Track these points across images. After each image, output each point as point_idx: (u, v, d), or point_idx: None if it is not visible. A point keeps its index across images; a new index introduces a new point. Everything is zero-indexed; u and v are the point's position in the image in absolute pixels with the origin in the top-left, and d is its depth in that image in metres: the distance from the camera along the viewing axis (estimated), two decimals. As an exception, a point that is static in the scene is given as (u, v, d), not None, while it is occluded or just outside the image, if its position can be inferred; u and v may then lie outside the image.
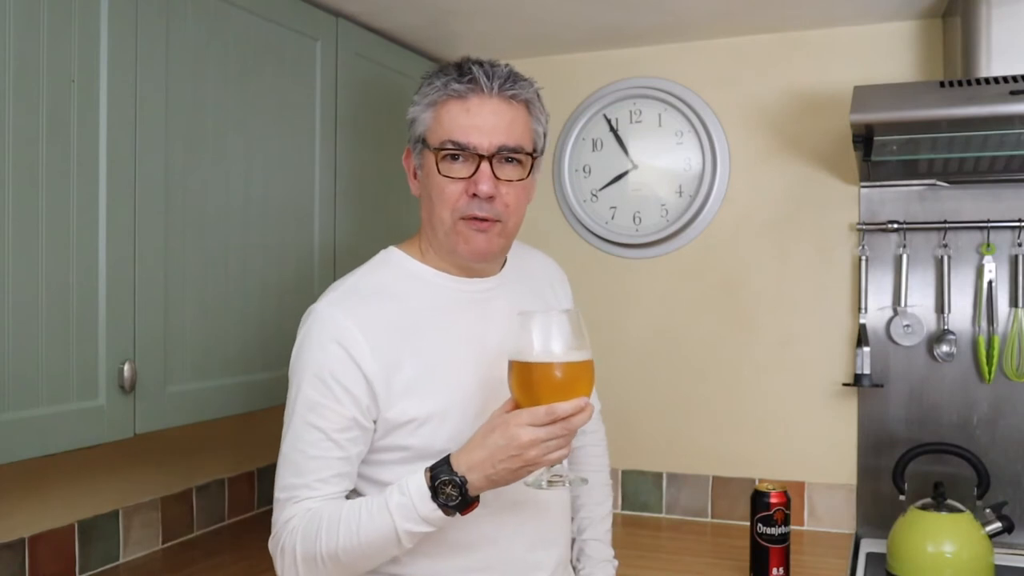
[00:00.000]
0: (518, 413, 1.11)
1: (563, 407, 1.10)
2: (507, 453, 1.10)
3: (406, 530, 1.14)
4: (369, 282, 1.28)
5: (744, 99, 2.25)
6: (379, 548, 1.16)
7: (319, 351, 1.20)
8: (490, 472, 1.11)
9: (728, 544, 2.06)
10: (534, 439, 1.09)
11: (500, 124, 1.23)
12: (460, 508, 1.13)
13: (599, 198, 2.37)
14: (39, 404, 1.27)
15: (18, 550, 1.65)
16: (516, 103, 1.25)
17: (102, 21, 1.35)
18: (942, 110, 1.66)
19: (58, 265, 1.29)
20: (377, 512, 1.15)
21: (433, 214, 1.26)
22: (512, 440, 1.10)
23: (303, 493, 1.20)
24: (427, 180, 1.26)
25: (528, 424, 1.10)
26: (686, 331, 2.31)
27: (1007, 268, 2.02)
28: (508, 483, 1.14)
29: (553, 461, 1.13)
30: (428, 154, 1.25)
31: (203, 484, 2.09)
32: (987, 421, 2.03)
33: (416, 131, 1.28)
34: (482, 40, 2.24)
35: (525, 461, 1.11)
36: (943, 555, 1.74)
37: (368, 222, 2.01)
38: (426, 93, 1.26)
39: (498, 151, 1.22)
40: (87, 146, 1.33)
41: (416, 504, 1.13)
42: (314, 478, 1.20)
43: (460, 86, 1.22)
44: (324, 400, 1.19)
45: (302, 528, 1.19)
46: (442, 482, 1.12)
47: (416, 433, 1.22)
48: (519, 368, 1.14)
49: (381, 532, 1.15)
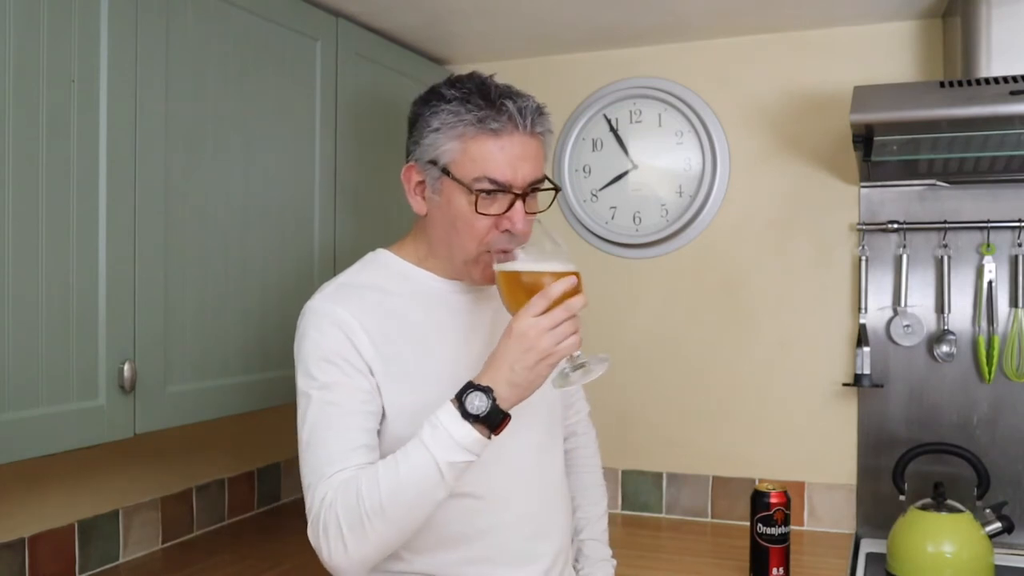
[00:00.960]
0: (517, 315, 1.14)
1: (555, 287, 1.12)
2: (520, 350, 1.11)
3: (447, 461, 1.11)
4: (360, 279, 1.31)
5: (744, 99, 2.25)
6: (424, 490, 1.12)
7: (321, 336, 1.22)
8: (510, 376, 1.12)
9: (728, 544, 2.06)
10: (540, 328, 1.11)
11: (529, 159, 1.23)
12: (492, 422, 1.12)
13: (599, 198, 2.37)
14: (39, 404, 1.27)
15: (18, 550, 1.65)
16: (540, 137, 1.26)
17: (102, 21, 1.35)
18: (942, 110, 1.66)
19: (58, 265, 1.29)
20: (414, 452, 1.13)
21: (454, 243, 1.26)
22: (522, 337, 1.11)
23: (333, 468, 1.18)
24: (449, 208, 1.25)
25: (529, 316, 1.12)
26: (686, 331, 2.31)
27: (1007, 268, 2.02)
28: (533, 385, 1.13)
29: (566, 349, 1.13)
30: (454, 185, 1.23)
31: (203, 484, 2.09)
32: (987, 421, 2.03)
33: (433, 155, 1.24)
34: (482, 40, 2.25)
35: (540, 353, 1.11)
36: (943, 555, 1.74)
37: (368, 222, 2.01)
38: (452, 123, 1.22)
39: (529, 186, 1.23)
40: (87, 146, 1.33)
41: (449, 429, 1.11)
42: (340, 451, 1.18)
43: (498, 124, 1.21)
44: (336, 378, 1.21)
45: (341, 496, 1.15)
46: (468, 395, 1.12)
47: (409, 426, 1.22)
48: (507, 277, 1.17)
49: (423, 471, 1.12)
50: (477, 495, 1.26)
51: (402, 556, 1.26)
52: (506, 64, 2.42)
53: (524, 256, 1.17)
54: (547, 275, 1.15)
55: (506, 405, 1.13)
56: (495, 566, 1.29)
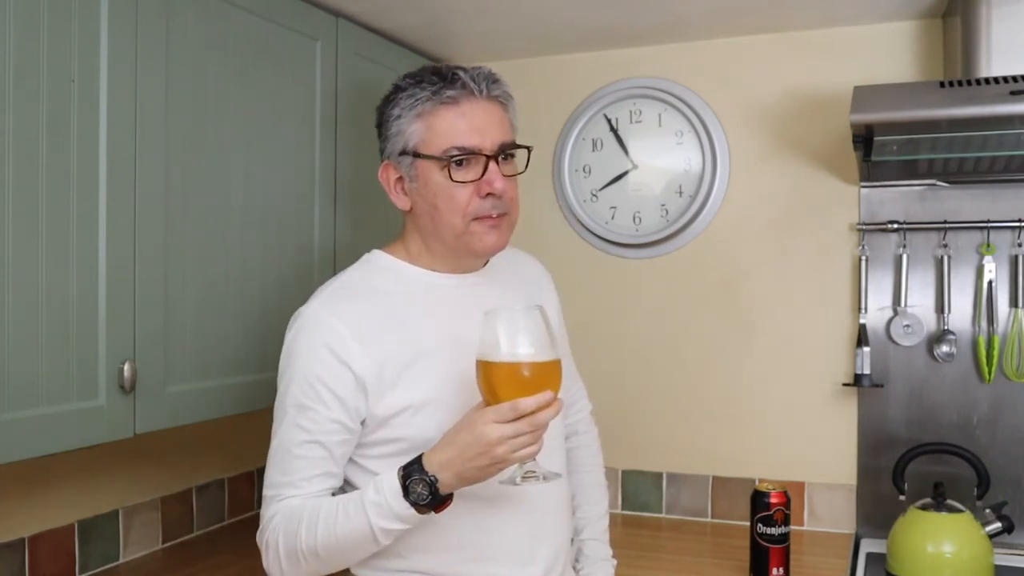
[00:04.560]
0: (484, 411, 1.12)
1: (527, 403, 1.10)
2: (475, 451, 1.11)
3: (381, 527, 1.16)
4: (355, 281, 1.32)
5: (744, 99, 2.25)
6: (356, 545, 1.19)
7: (307, 356, 1.23)
8: (460, 470, 1.13)
9: (728, 544, 2.06)
10: (501, 436, 1.10)
11: (494, 123, 1.26)
12: (432, 506, 1.15)
13: (599, 198, 2.37)
14: (39, 404, 1.27)
15: (18, 550, 1.65)
16: (500, 102, 1.28)
17: (102, 21, 1.35)
18: (942, 110, 1.66)
19: (58, 265, 1.29)
20: (354, 510, 1.17)
21: (441, 221, 1.27)
22: (480, 438, 1.10)
23: (288, 491, 1.24)
24: (427, 190, 1.27)
25: (494, 421, 1.10)
26: (686, 331, 2.31)
27: (1007, 268, 2.02)
28: (479, 480, 1.15)
29: (522, 458, 1.13)
30: (426, 164, 1.26)
31: (203, 484, 2.09)
32: (987, 421, 2.03)
33: (402, 144, 1.27)
34: (482, 40, 2.25)
35: (493, 459, 1.11)
36: (943, 555, 1.74)
37: (368, 222, 2.01)
38: (410, 105, 1.25)
39: (500, 149, 1.25)
40: (87, 146, 1.33)
41: (390, 502, 1.15)
42: (299, 477, 1.23)
43: (453, 92, 1.23)
44: (311, 403, 1.22)
45: (284, 525, 1.22)
46: (412, 480, 1.14)
47: (409, 424, 1.24)
48: (484, 368, 1.14)
49: (357, 529, 1.17)
50: (477, 495, 1.26)
51: (401, 554, 1.26)
52: (506, 64, 2.42)
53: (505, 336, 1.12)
54: (524, 365, 1.12)
55: (447, 491, 1.15)
56: (495, 566, 1.29)
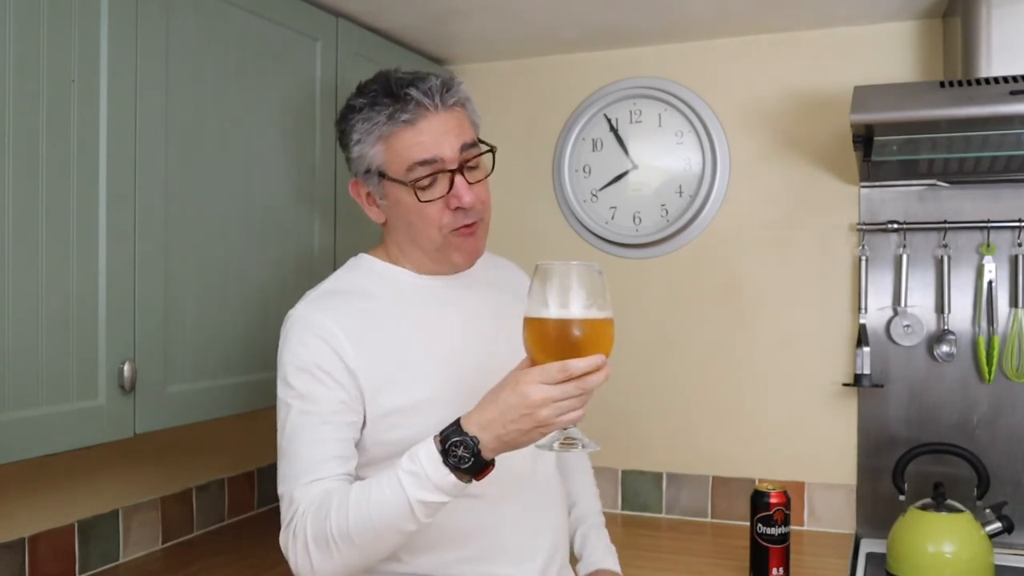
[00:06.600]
0: (530, 371, 1.06)
1: (577, 364, 1.04)
2: (518, 412, 1.05)
3: (419, 500, 1.08)
4: (342, 284, 1.34)
5: (744, 99, 2.25)
6: (392, 524, 1.11)
7: (300, 347, 1.24)
8: (501, 432, 1.06)
9: (728, 544, 2.06)
10: (546, 398, 1.04)
11: (451, 132, 1.26)
12: (473, 471, 1.08)
13: (599, 198, 2.37)
14: (39, 404, 1.27)
15: (18, 550, 1.65)
16: (457, 108, 1.28)
17: (102, 21, 1.35)
18: (942, 110, 1.66)
19: (58, 265, 1.29)
20: (388, 484, 1.10)
21: (418, 235, 1.30)
22: (524, 399, 1.04)
23: (307, 478, 1.19)
24: (398, 208, 1.30)
25: (540, 382, 1.04)
26: (686, 331, 2.31)
27: (1007, 268, 2.02)
28: (521, 445, 1.08)
29: (566, 423, 1.06)
30: (393, 185, 1.28)
31: (203, 484, 2.09)
32: (987, 421, 2.03)
33: (367, 165, 1.29)
34: (482, 40, 2.24)
35: (537, 422, 1.05)
36: (943, 555, 1.74)
37: (367, 223, 1.99)
38: (368, 130, 1.27)
39: (461, 156, 1.26)
40: (87, 146, 1.33)
41: (428, 470, 1.08)
42: (315, 460, 1.20)
43: (407, 115, 1.24)
44: (312, 387, 1.22)
45: (312, 510, 1.15)
46: (453, 443, 1.07)
47: (400, 425, 1.23)
48: (532, 325, 1.07)
49: (393, 505, 1.09)
50: (473, 494, 1.25)
51: (399, 557, 1.26)
52: (506, 64, 2.42)
53: (557, 292, 1.06)
54: (576, 323, 1.06)
55: (490, 455, 1.09)
56: (492, 564, 1.29)
